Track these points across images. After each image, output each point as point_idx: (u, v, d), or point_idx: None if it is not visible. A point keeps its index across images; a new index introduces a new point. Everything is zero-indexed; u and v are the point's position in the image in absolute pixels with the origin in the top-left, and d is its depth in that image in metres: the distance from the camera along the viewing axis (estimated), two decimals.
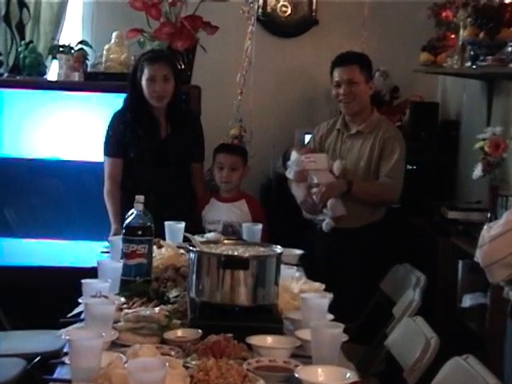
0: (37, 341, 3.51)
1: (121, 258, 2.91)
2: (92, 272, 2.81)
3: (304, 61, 5.26)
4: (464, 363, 2.24)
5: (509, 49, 3.59)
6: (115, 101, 4.15)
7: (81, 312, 2.58)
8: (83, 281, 2.59)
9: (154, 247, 3.11)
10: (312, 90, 5.21)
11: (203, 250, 2.55)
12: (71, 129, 4.61)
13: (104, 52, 4.67)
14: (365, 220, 3.90)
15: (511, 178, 3.94)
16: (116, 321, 2.42)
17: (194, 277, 2.51)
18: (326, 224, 3.88)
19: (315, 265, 3.55)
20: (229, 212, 4.02)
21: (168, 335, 2.37)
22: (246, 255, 2.52)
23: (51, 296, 3.78)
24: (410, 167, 4.57)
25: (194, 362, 2.11)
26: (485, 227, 3.67)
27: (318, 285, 2.86)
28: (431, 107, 4.98)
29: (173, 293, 2.74)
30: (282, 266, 2.67)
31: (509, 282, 2.61)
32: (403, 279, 3.56)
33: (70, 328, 2.39)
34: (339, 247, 3.88)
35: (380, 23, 5.10)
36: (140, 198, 2.93)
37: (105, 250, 3.42)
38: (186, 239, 2.86)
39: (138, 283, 2.83)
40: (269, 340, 2.34)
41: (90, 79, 4.62)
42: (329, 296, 2.64)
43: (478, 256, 2.57)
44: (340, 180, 3.87)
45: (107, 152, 4.03)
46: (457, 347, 2.68)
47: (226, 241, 2.78)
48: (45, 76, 4.76)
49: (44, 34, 4.91)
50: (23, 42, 4.78)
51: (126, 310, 2.50)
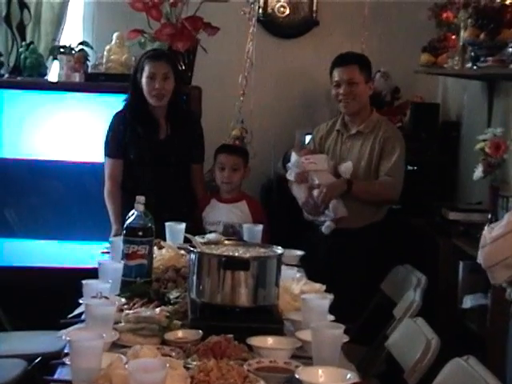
0: (37, 341, 3.52)
1: (121, 259, 2.91)
2: (92, 273, 2.81)
3: (304, 61, 5.26)
4: (465, 364, 2.24)
5: (509, 50, 3.59)
6: (116, 102, 4.15)
7: (81, 313, 2.58)
8: (84, 281, 2.59)
9: (155, 248, 3.11)
10: (313, 91, 5.21)
11: (204, 251, 2.55)
12: (72, 130, 4.61)
13: (105, 53, 4.67)
14: (366, 220, 3.90)
15: None
16: (116, 321, 2.42)
17: (195, 277, 2.52)
18: (326, 227, 3.88)
19: (316, 265, 3.54)
20: (229, 213, 4.02)
21: (168, 336, 2.37)
22: (247, 256, 2.52)
23: (52, 297, 3.79)
24: (411, 168, 4.57)
25: (195, 363, 2.11)
26: (486, 228, 3.69)
27: (319, 286, 2.86)
28: (432, 108, 4.98)
29: (173, 294, 2.74)
30: (283, 267, 2.67)
31: (511, 283, 2.61)
32: (404, 280, 3.56)
33: (71, 329, 2.39)
34: (340, 248, 3.88)
35: (381, 24, 5.11)
36: (141, 199, 2.93)
37: (105, 251, 3.42)
38: (187, 240, 2.86)
39: (139, 284, 2.83)
40: (269, 341, 2.34)
41: (91, 80, 4.62)
42: (329, 297, 2.64)
43: (480, 257, 2.57)
44: (340, 180, 3.88)
45: (107, 153, 4.04)
46: (457, 348, 2.68)
47: (227, 241, 2.77)
48: (45, 77, 4.76)
49: (45, 35, 4.91)
50: (24, 43, 4.78)
51: (127, 311, 2.50)
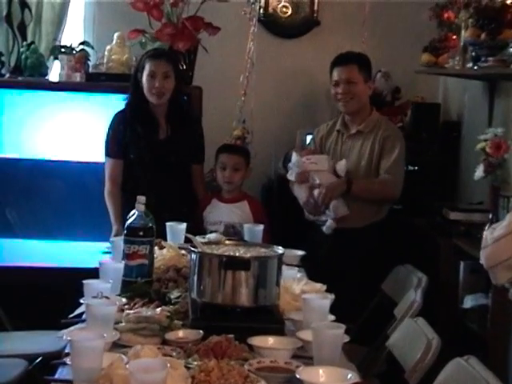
0: (38, 341, 3.51)
1: (122, 259, 2.91)
2: (93, 273, 2.81)
3: (305, 61, 5.26)
4: (465, 364, 2.24)
5: (510, 50, 3.59)
6: (117, 101, 4.15)
7: (82, 313, 2.58)
8: (84, 281, 2.59)
9: (156, 248, 3.11)
10: (313, 91, 5.21)
11: (204, 251, 2.55)
12: (72, 129, 4.61)
13: (105, 53, 4.68)
14: (367, 220, 3.90)
15: None
16: (117, 321, 2.42)
17: (196, 277, 2.52)
18: (327, 227, 3.88)
19: (317, 265, 3.55)
20: (230, 213, 4.02)
21: (169, 336, 2.37)
22: (248, 256, 2.52)
23: (52, 297, 3.78)
24: (412, 168, 4.57)
25: (196, 363, 2.11)
26: (486, 228, 3.69)
27: (320, 286, 2.87)
28: (433, 108, 4.98)
29: (174, 293, 2.74)
30: (284, 267, 2.67)
31: None
32: (404, 280, 3.56)
33: (72, 329, 2.39)
34: (341, 248, 3.88)
35: (381, 24, 5.11)
36: (141, 199, 2.92)
37: (106, 251, 3.42)
38: (188, 240, 2.86)
39: (140, 284, 2.83)
40: (270, 341, 2.34)
41: (92, 80, 4.62)
42: (330, 297, 2.64)
43: (482, 258, 2.57)
44: (340, 180, 3.88)
45: (108, 153, 4.04)
46: (458, 348, 2.67)
47: (228, 241, 2.77)
48: (46, 77, 4.76)
49: (46, 35, 4.91)
50: (25, 43, 4.78)
51: (128, 311, 2.50)
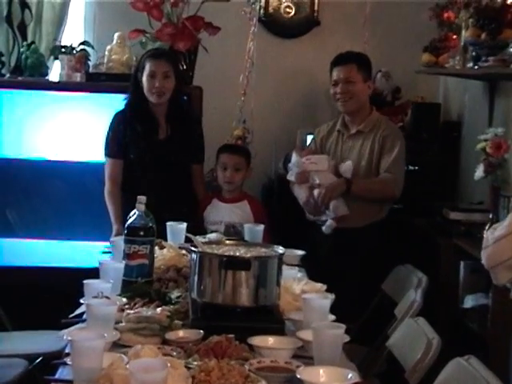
0: (38, 341, 3.52)
1: (122, 259, 2.91)
2: (94, 272, 2.81)
3: (306, 61, 5.26)
4: (466, 364, 2.24)
5: (510, 49, 3.59)
6: (117, 101, 4.14)
7: (82, 312, 2.58)
8: (85, 281, 2.59)
9: (156, 248, 3.11)
10: (314, 91, 5.21)
11: (205, 251, 2.55)
12: (73, 129, 4.61)
13: (106, 53, 4.68)
14: (367, 220, 3.90)
15: None
16: (117, 321, 2.42)
17: (196, 277, 2.52)
18: (327, 227, 3.88)
19: (317, 265, 3.55)
20: (231, 213, 4.02)
21: (169, 336, 2.37)
22: (248, 256, 2.52)
23: (53, 296, 3.79)
24: (412, 168, 4.57)
25: (196, 363, 2.11)
26: (486, 228, 3.69)
27: (320, 285, 2.87)
28: (433, 108, 4.98)
29: (174, 293, 2.74)
30: (284, 267, 2.67)
31: None
32: (405, 280, 3.56)
33: (72, 328, 2.39)
34: (341, 247, 3.88)
35: (382, 24, 5.10)
36: (142, 199, 2.92)
37: (106, 251, 3.42)
38: (188, 240, 2.86)
39: (140, 284, 2.83)
40: (270, 341, 2.34)
41: (92, 80, 4.62)
42: (330, 297, 2.64)
43: (483, 258, 2.57)
44: (339, 180, 3.88)
45: (108, 153, 4.04)
46: (458, 348, 2.67)
47: (228, 241, 2.77)
48: (46, 77, 4.76)
49: (46, 35, 4.91)
50: (25, 43, 4.78)
51: (128, 311, 2.50)
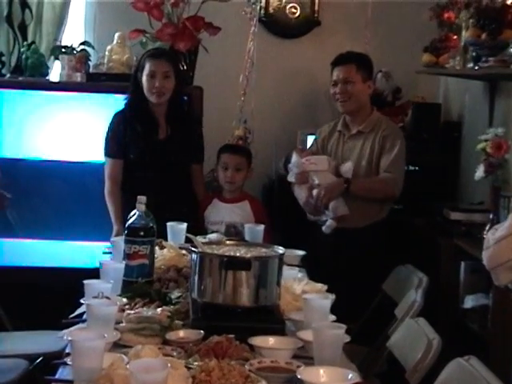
0: (39, 341, 3.52)
1: (123, 259, 2.91)
2: (94, 273, 2.81)
3: (306, 62, 5.25)
4: (466, 364, 2.24)
5: (511, 50, 3.59)
6: (117, 102, 4.14)
7: (83, 313, 2.59)
8: (85, 281, 2.59)
9: (156, 248, 3.11)
10: (314, 91, 5.20)
11: (205, 251, 2.55)
12: (73, 129, 4.61)
13: (106, 53, 4.68)
14: (368, 220, 3.90)
15: None
16: (118, 322, 2.42)
17: (196, 278, 2.51)
18: (327, 227, 3.88)
19: (318, 265, 3.55)
20: (231, 213, 4.02)
21: (170, 336, 2.37)
22: (248, 256, 2.52)
23: (53, 297, 3.79)
24: (412, 168, 4.57)
25: (196, 363, 2.11)
26: (486, 227, 3.69)
27: (320, 286, 2.87)
28: (433, 108, 4.97)
29: (175, 293, 2.74)
30: (284, 267, 2.67)
31: None
32: (405, 280, 3.56)
33: (72, 329, 2.39)
34: (342, 248, 3.88)
35: (382, 24, 5.10)
36: (142, 199, 2.92)
37: (107, 251, 3.42)
38: (188, 240, 2.86)
39: (140, 284, 2.83)
40: (271, 341, 2.34)
41: (92, 80, 4.62)
42: (331, 297, 2.64)
43: (484, 259, 2.56)
44: (338, 180, 3.87)
45: (107, 153, 4.03)
46: (459, 348, 2.67)
47: (228, 241, 2.77)
48: (47, 77, 4.76)
49: (46, 35, 4.91)
50: (25, 43, 4.78)
51: (128, 311, 2.50)
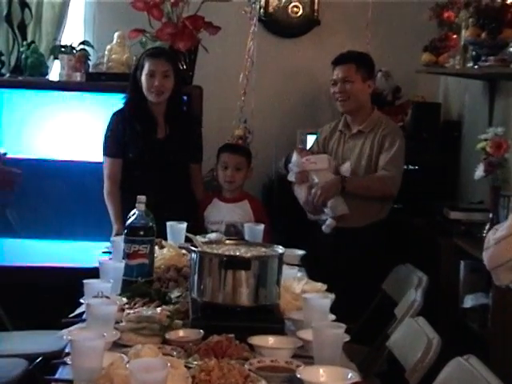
0: (38, 341, 3.51)
1: (122, 259, 2.92)
2: (94, 272, 2.81)
3: (306, 61, 5.25)
4: (466, 363, 2.24)
5: (510, 49, 3.59)
6: (117, 101, 4.14)
7: (82, 312, 2.58)
8: (85, 281, 2.59)
9: (156, 247, 3.11)
10: (314, 91, 5.21)
11: (205, 251, 2.55)
12: (73, 129, 4.61)
13: (106, 52, 4.68)
14: (368, 220, 3.90)
15: None
16: (118, 321, 2.42)
17: (196, 277, 2.51)
18: (327, 226, 3.88)
19: (318, 265, 3.55)
20: (231, 212, 4.02)
21: (170, 335, 2.37)
22: (248, 255, 2.52)
23: (53, 296, 3.78)
24: (412, 167, 4.58)
25: (196, 363, 2.11)
26: (486, 227, 3.69)
27: (320, 285, 2.87)
28: (433, 107, 4.97)
29: (174, 293, 2.74)
30: (284, 267, 2.66)
31: None
32: (405, 279, 3.56)
33: (72, 328, 2.39)
34: (342, 247, 3.88)
35: (382, 24, 5.10)
36: (142, 199, 2.92)
37: (106, 250, 3.42)
38: (188, 239, 2.86)
39: (140, 283, 2.83)
40: (270, 340, 2.34)
41: (92, 79, 4.62)
42: (330, 296, 2.64)
43: (484, 259, 2.56)
44: (334, 178, 3.87)
45: (106, 152, 4.02)
46: (458, 347, 2.67)
47: (228, 241, 2.77)
48: (46, 76, 4.76)
49: (46, 35, 4.91)
50: (25, 43, 4.78)
51: (128, 311, 2.50)
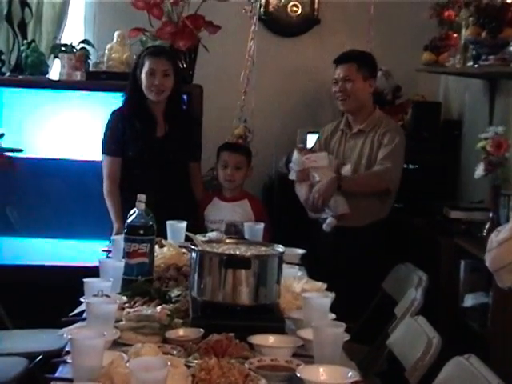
0: (39, 340, 3.52)
1: (123, 257, 2.92)
2: (94, 271, 2.82)
3: (306, 60, 5.25)
4: (466, 363, 2.24)
5: (511, 48, 3.59)
6: (117, 100, 4.14)
7: (83, 311, 2.59)
8: (85, 280, 2.60)
9: (156, 246, 3.11)
10: (314, 90, 5.20)
11: (205, 250, 2.55)
12: (73, 128, 4.61)
13: (106, 51, 4.67)
14: (368, 219, 3.89)
15: None
16: (118, 320, 2.42)
17: (196, 276, 2.51)
18: (327, 225, 3.88)
19: (318, 264, 3.55)
20: (231, 211, 4.02)
21: (170, 334, 2.37)
22: (248, 254, 2.52)
23: (53, 295, 3.79)
24: (412, 167, 4.58)
25: (196, 361, 2.11)
26: (487, 227, 3.69)
27: (320, 284, 2.87)
28: (433, 107, 4.97)
29: (174, 292, 2.74)
30: (284, 266, 2.67)
31: None
32: (405, 279, 3.56)
33: (72, 327, 2.39)
34: (342, 246, 3.88)
35: (382, 23, 5.08)
36: (142, 197, 2.92)
37: (106, 249, 3.42)
38: (188, 238, 2.86)
39: (140, 282, 2.82)
40: (270, 339, 2.34)
41: (92, 78, 4.61)
42: (330, 295, 2.64)
43: (487, 260, 2.56)
44: (330, 178, 3.86)
45: (106, 151, 4.02)
46: (458, 347, 2.67)
47: (228, 240, 2.77)
48: (47, 75, 4.76)
49: (46, 34, 4.91)
50: (25, 42, 4.78)
51: (128, 309, 2.50)
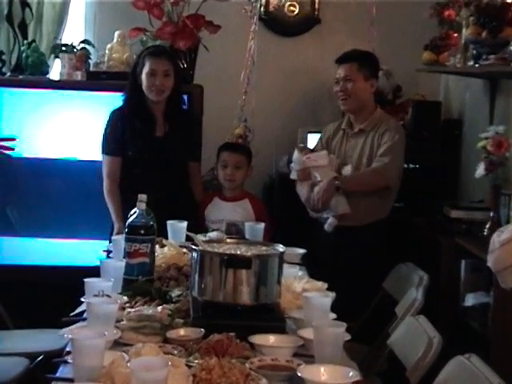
0: (39, 340, 3.52)
1: (123, 257, 2.92)
2: (94, 271, 2.82)
3: (306, 60, 5.25)
4: (467, 362, 2.24)
5: (511, 48, 3.59)
6: (117, 100, 4.14)
7: (83, 311, 2.59)
8: (86, 280, 2.60)
9: (157, 246, 3.11)
10: (315, 89, 5.20)
11: (206, 249, 2.55)
12: (73, 128, 4.61)
13: (106, 51, 4.67)
14: (369, 218, 3.89)
15: None
16: (118, 320, 2.42)
17: (197, 276, 2.52)
18: (329, 225, 3.89)
19: (319, 263, 3.55)
20: (232, 211, 4.02)
21: (170, 334, 2.37)
22: (249, 254, 2.52)
23: (54, 295, 3.80)
24: (413, 166, 4.58)
25: (197, 361, 2.11)
26: (487, 226, 3.69)
27: (321, 284, 2.87)
28: (434, 106, 4.97)
29: (175, 292, 2.74)
30: (285, 265, 2.67)
31: None
32: (406, 278, 3.56)
33: (73, 327, 2.39)
34: (342, 246, 3.88)
35: (382, 23, 5.07)
36: (143, 197, 2.92)
37: (107, 249, 3.42)
38: (189, 238, 2.86)
39: (141, 282, 2.82)
40: (271, 339, 2.34)
41: (93, 78, 4.61)
42: (331, 295, 2.64)
43: (489, 261, 2.56)
44: (328, 179, 3.85)
45: (106, 150, 4.01)
46: (459, 346, 2.67)
47: (229, 240, 2.77)
48: (47, 75, 4.76)
49: (46, 34, 4.91)
50: (26, 42, 4.78)
51: (129, 309, 2.50)
